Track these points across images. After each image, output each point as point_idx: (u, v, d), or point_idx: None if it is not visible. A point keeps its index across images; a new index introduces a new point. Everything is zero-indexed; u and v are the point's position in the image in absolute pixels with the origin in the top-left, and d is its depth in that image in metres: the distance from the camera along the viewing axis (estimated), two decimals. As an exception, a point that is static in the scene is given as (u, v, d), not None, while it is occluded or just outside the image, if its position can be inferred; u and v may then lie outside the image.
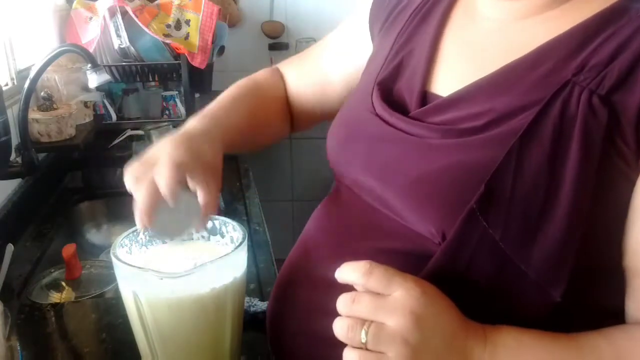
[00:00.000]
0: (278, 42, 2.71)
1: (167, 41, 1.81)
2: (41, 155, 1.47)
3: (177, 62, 1.83)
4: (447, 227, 0.54)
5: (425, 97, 0.63)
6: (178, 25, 1.88)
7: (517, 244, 0.52)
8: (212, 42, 1.92)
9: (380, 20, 0.77)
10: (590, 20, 0.55)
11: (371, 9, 0.80)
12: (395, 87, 0.67)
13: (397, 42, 0.70)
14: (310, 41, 2.66)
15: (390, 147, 0.62)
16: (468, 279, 0.54)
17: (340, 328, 0.51)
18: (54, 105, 1.50)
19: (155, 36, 1.78)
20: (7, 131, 1.12)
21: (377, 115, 0.65)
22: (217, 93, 0.84)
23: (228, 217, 0.73)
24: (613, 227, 0.52)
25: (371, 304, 0.51)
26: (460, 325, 0.52)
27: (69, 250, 1.13)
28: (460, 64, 0.63)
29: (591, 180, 0.50)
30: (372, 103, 0.66)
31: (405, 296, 0.50)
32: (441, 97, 0.61)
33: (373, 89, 0.68)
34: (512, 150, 0.52)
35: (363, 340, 0.50)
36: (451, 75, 0.63)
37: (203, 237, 0.74)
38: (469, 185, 0.52)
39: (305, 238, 0.73)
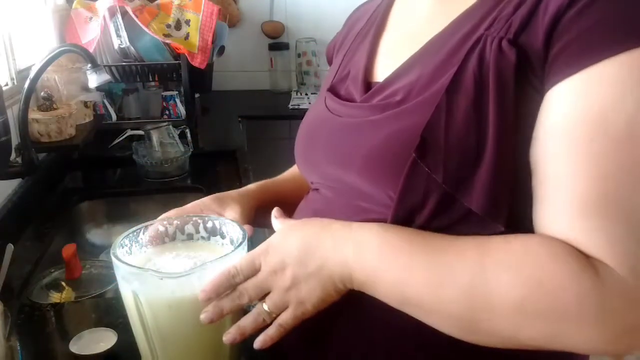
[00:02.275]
0: (278, 42, 2.71)
1: (167, 41, 1.81)
2: (41, 155, 1.47)
3: (177, 62, 1.83)
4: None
5: (369, 86, 0.69)
6: (178, 25, 1.88)
7: (458, 184, 0.56)
8: (212, 42, 1.93)
9: (335, 48, 0.86)
10: None
11: (328, 49, 0.89)
12: (344, 86, 0.74)
13: (346, 56, 0.78)
14: (310, 41, 2.67)
15: (344, 134, 0.67)
16: (424, 224, 0.59)
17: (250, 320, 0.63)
18: (54, 105, 1.50)
19: (155, 36, 1.78)
20: (7, 131, 1.13)
21: (331, 112, 0.72)
22: (217, 93, 0.85)
23: (228, 217, 0.74)
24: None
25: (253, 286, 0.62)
26: (319, 233, 0.61)
27: (69, 250, 1.13)
28: (395, 51, 0.70)
29: (510, 115, 0.55)
30: (326, 105, 0.73)
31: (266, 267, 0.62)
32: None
33: (326, 96, 0.75)
34: (440, 103, 0.58)
35: (267, 309, 0.61)
36: (390, 62, 0.69)
37: (203, 237, 0.74)
38: (410, 144, 0.58)
39: None
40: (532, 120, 0.56)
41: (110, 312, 0.93)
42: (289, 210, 0.79)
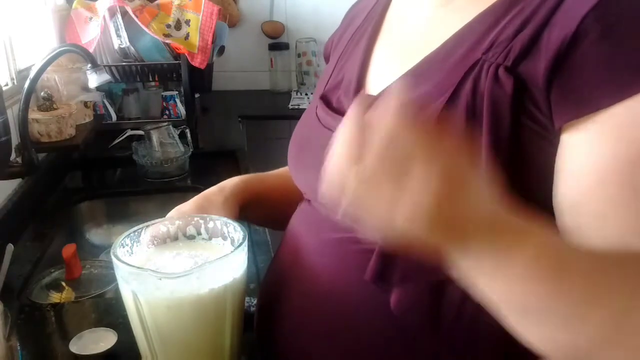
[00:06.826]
0: (278, 42, 2.71)
1: (167, 41, 1.81)
2: (41, 155, 1.47)
3: (177, 62, 1.83)
4: None
5: None
6: (178, 25, 1.88)
7: None
8: (212, 42, 1.92)
9: (332, 45, 0.82)
10: (500, 1, 0.57)
11: (326, 46, 0.85)
12: (336, 96, 0.71)
13: (341, 58, 0.75)
14: (310, 41, 2.66)
15: None
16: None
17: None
18: (54, 105, 1.50)
19: (155, 36, 1.78)
20: (7, 131, 1.13)
21: (322, 124, 0.69)
22: (217, 93, 0.84)
23: (228, 218, 0.74)
24: (546, 189, 0.53)
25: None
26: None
27: (69, 250, 1.13)
28: (389, 62, 0.67)
29: (504, 148, 0.52)
30: (317, 115, 0.70)
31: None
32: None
33: (317, 104, 0.72)
34: None
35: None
36: (382, 75, 0.67)
37: (204, 238, 0.74)
38: None
39: (289, 231, 0.75)
40: (536, 155, 0.53)
41: (110, 312, 0.93)
42: (274, 206, 0.79)
